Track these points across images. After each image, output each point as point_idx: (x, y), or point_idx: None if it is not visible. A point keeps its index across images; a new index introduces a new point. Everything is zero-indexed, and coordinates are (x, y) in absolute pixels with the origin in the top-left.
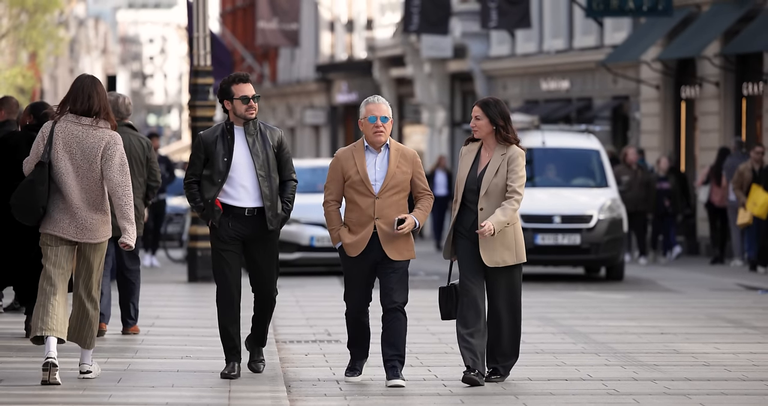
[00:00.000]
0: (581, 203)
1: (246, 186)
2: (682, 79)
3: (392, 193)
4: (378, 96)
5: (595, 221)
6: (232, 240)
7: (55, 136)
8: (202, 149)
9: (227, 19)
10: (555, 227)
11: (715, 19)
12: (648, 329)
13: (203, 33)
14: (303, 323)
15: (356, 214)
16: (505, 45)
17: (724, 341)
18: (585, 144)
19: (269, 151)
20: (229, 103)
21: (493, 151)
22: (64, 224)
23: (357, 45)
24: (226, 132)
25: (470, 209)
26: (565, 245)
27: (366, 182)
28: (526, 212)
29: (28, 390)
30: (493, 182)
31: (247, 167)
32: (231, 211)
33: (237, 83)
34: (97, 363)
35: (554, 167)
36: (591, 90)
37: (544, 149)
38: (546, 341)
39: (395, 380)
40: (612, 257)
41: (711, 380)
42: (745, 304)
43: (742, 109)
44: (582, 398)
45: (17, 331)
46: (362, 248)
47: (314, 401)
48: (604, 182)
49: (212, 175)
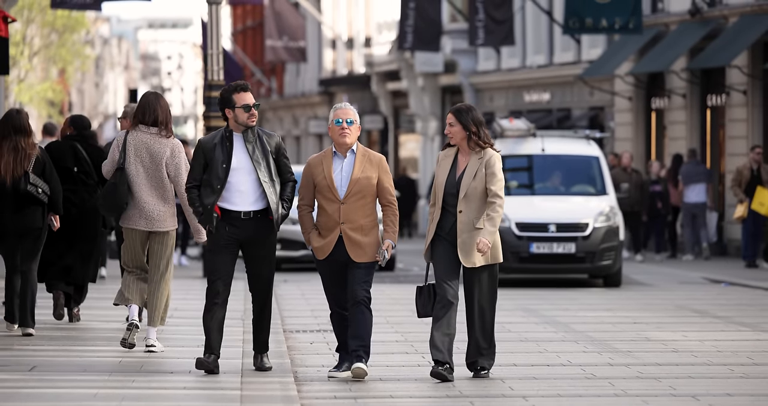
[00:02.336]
0: (577, 211)
1: (243, 191)
2: (652, 92)
3: (357, 198)
4: (345, 103)
5: (591, 229)
6: (227, 243)
7: (128, 144)
8: (202, 155)
9: (238, 38)
10: (550, 235)
11: (682, 37)
12: (622, 318)
13: (216, 50)
14: (308, 315)
15: (324, 218)
16: (491, 60)
17: (691, 329)
18: (585, 151)
19: (269, 157)
20: (230, 111)
21: (470, 155)
22: (136, 217)
23: (357, 61)
24: (225, 139)
25: (449, 212)
26: (560, 254)
27: (332, 188)
28: (521, 220)
29: (59, 376)
30: (471, 186)
31: (245, 173)
32: (228, 215)
33: (238, 92)
34: (160, 343)
35: (553, 174)
36: (570, 101)
37: (544, 156)
38: (530, 330)
39: (359, 363)
40: (608, 265)
41: (679, 364)
42: (709, 296)
43: (707, 118)
44: (562, 382)
45: (48, 320)
46: (329, 251)
47: (318, 385)
48: (603, 190)
49: (211, 180)
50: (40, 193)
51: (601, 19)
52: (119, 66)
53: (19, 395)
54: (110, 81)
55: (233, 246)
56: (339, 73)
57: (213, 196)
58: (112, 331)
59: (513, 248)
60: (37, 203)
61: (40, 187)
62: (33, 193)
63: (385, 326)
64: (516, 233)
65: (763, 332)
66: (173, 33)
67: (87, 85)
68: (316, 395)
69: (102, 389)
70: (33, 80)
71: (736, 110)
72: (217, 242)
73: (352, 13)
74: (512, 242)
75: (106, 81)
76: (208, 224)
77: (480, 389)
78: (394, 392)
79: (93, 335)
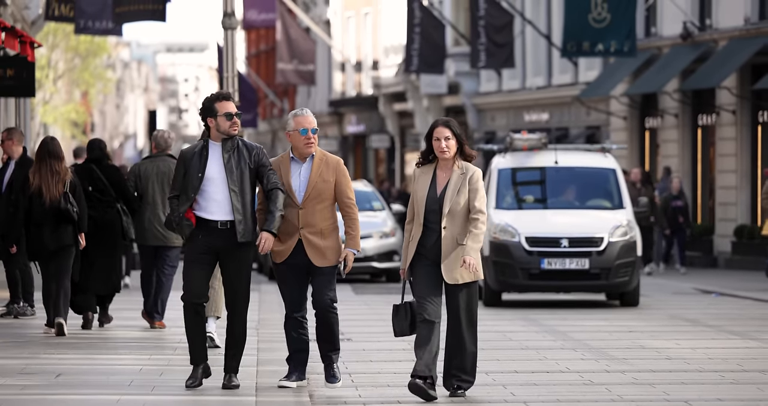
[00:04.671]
0: (591, 225)
1: (218, 200)
2: (646, 112)
3: (316, 202)
4: (305, 109)
5: (606, 243)
6: (203, 252)
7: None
8: (182, 165)
9: (252, 62)
10: (562, 250)
11: (674, 60)
12: (618, 327)
13: (232, 73)
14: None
15: (284, 224)
16: (493, 82)
17: (683, 337)
18: (601, 163)
19: (244, 167)
20: (212, 120)
21: (451, 170)
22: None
23: (365, 83)
24: (203, 149)
25: (431, 229)
26: (573, 270)
27: (290, 193)
28: (532, 235)
29: (84, 383)
30: (455, 201)
31: (220, 182)
32: (204, 224)
33: (220, 101)
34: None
35: (567, 188)
36: (567, 121)
37: (557, 169)
38: (530, 339)
39: (332, 382)
40: (624, 282)
41: (672, 371)
42: (701, 305)
43: (698, 137)
44: (561, 387)
45: (75, 330)
46: (287, 255)
47: (329, 391)
48: (620, 204)
49: (186, 189)
50: (74, 212)
51: (597, 43)
52: (139, 88)
53: (46, 401)
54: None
55: (208, 257)
56: (348, 95)
57: (185, 205)
58: (134, 340)
59: (523, 265)
60: (70, 222)
61: (74, 206)
62: (70, 212)
63: (390, 334)
64: (526, 247)
65: (752, 340)
66: (190, 57)
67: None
68: (326, 401)
69: (124, 395)
70: (57, 102)
71: (726, 129)
72: (193, 250)
73: (361, 37)
74: (522, 258)
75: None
76: (181, 234)
77: (483, 394)
78: (401, 397)
79: (115, 344)
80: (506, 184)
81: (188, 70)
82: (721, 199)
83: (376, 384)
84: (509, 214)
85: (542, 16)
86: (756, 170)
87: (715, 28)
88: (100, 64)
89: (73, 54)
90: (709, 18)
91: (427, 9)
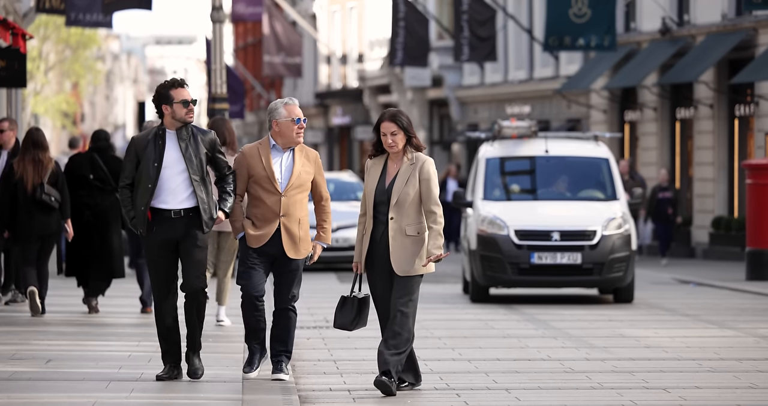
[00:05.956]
0: (583, 218)
1: (173, 189)
2: (625, 105)
3: (297, 192)
4: (292, 98)
5: (599, 237)
6: (162, 243)
7: None
8: (134, 153)
9: (240, 54)
10: (553, 244)
11: (653, 54)
12: (598, 316)
13: (220, 65)
14: (305, 312)
15: (261, 210)
16: (476, 75)
17: (661, 326)
18: (593, 152)
19: (201, 155)
20: (168, 107)
21: (401, 161)
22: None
23: (350, 75)
24: (157, 137)
25: (381, 221)
26: (564, 265)
27: (272, 180)
28: (521, 228)
29: (73, 369)
30: (403, 191)
31: (176, 171)
32: (159, 214)
33: (176, 88)
34: (228, 318)
35: (558, 178)
36: (549, 114)
37: (547, 158)
38: (511, 327)
39: (279, 374)
40: (618, 277)
41: (651, 359)
42: (679, 295)
43: (676, 130)
44: (543, 375)
45: (63, 317)
46: (264, 241)
47: (315, 378)
48: (614, 195)
49: (142, 179)
50: (52, 201)
51: (578, 38)
52: (128, 80)
53: (38, 385)
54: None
55: (170, 245)
56: (333, 87)
57: (146, 197)
58: (123, 326)
59: (512, 259)
60: (51, 210)
61: (53, 195)
62: (47, 201)
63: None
64: (515, 241)
65: (729, 329)
66: (179, 49)
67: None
68: (312, 388)
69: (113, 380)
70: (48, 93)
71: (703, 123)
72: (152, 243)
73: (346, 31)
74: (511, 252)
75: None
76: (140, 227)
77: (466, 382)
78: None
79: (105, 331)
80: (494, 174)
81: (177, 62)
82: (699, 191)
83: (361, 371)
84: (497, 205)
85: (524, 10)
86: (733, 163)
87: (693, 23)
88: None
89: (64, 46)
90: (687, 14)
91: (411, 3)
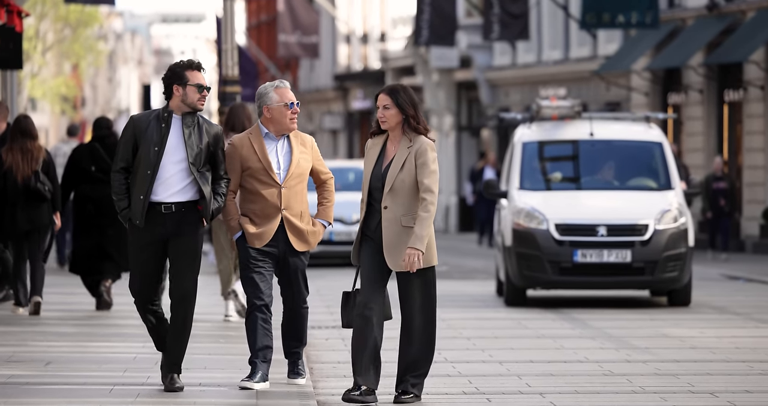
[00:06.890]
0: (634, 210)
1: (167, 179)
2: (669, 87)
3: (297, 181)
4: (283, 80)
5: (652, 232)
6: (151, 240)
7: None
8: (132, 134)
9: (252, 33)
10: (599, 240)
11: (699, 32)
12: (639, 315)
13: (231, 45)
14: (323, 310)
15: (260, 205)
16: (507, 56)
17: (709, 326)
18: (645, 135)
19: (204, 147)
20: (180, 88)
21: (399, 143)
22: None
23: (371, 56)
24: (161, 119)
25: (375, 208)
26: (611, 264)
27: (270, 171)
28: (563, 221)
29: (74, 372)
30: (398, 178)
31: (174, 159)
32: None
33: (192, 70)
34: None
35: (605, 165)
36: (586, 97)
37: (592, 142)
38: (546, 327)
39: (296, 379)
40: (673, 278)
41: (697, 361)
42: (727, 292)
43: (724, 114)
44: (579, 378)
45: (63, 315)
46: (268, 239)
47: (334, 382)
48: (668, 184)
49: (140, 165)
50: (46, 191)
51: (617, 14)
52: (132, 61)
53: (36, 390)
54: (123, 76)
55: (158, 243)
56: (353, 69)
57: (144, 185)
58: (128, 326)
59: (552, 257)
60: (44, 200)
61: (46, 185)
62: (41, 191)
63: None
64: (556, 237)
65: None
66: (187, 28)
67: (100, 81)
68: (331, 392)
69: (118, 385)
70: (46, 75)
71: (754, 106)
72: (140, 238)
73: (367, 8)
74: (551, 249)
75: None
76: (137, 218)
77: (497, 385)
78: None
79: (108, 331)
80: (532, 160)
81: (185, 42)
82: (748, 180)
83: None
84: (536, 196)
85: None
86: None
87: None
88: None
89: (63, 24)
90: None
91: None
